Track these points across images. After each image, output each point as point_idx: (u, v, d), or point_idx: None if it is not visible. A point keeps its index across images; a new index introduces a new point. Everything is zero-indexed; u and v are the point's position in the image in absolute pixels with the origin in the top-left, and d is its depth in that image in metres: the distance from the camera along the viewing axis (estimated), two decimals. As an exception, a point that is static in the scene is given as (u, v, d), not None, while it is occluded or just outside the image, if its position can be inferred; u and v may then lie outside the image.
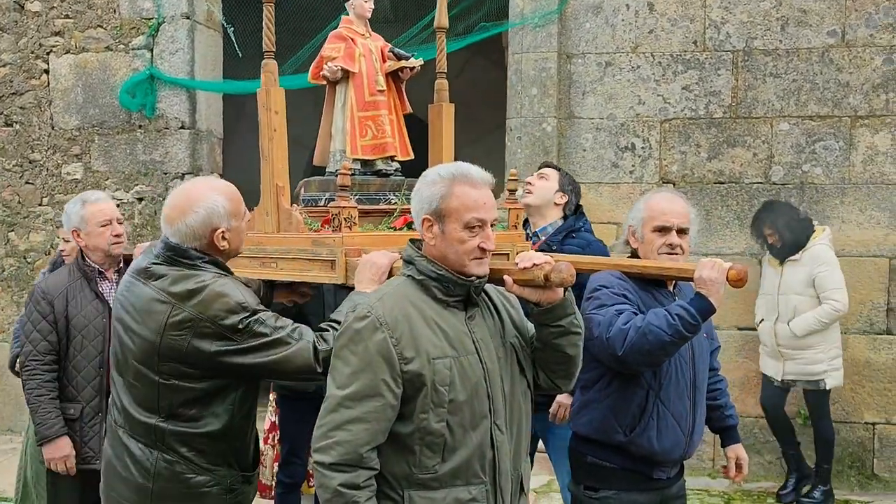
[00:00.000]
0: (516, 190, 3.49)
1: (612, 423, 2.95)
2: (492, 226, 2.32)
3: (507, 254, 3.19)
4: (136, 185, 6.48)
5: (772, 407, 5.41)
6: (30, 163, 6.65)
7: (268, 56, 3.12)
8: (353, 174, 3.11)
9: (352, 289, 4.01)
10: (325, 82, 3.31)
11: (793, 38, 5.68)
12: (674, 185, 5.83)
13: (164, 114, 6.39)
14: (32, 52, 6.59)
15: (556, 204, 4.03)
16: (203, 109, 6.53)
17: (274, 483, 4.59)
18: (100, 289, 3.74)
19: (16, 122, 6.65)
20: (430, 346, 2.24)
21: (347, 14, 3.43)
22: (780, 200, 5.54)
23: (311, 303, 3.82)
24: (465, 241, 2.27)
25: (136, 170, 6.47)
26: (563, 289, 2.31)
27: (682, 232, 2.96)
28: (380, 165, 3.33)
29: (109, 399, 2.81)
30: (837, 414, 5.67)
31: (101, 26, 6.48)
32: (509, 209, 3.39)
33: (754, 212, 5.53)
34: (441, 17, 3.48)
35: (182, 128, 6.39)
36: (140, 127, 6.44)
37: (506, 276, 2.34)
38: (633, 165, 5.91)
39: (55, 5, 6.52)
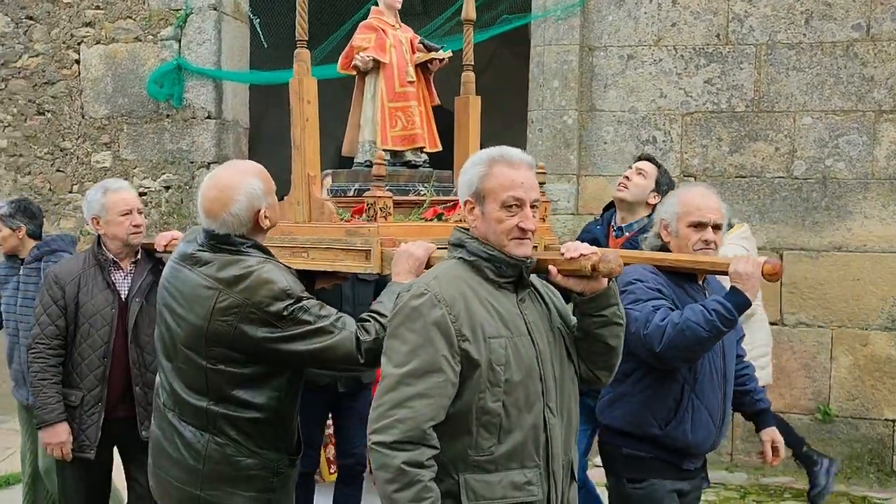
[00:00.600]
0: (544, 182, 3.47)
1: (648, 416, 2.96)
2: (533, 207, 2.32)
3: (535, 246, 3.21)
4: (164, 173, 6.60)
5: None
6: (61, 151, 6.80)
7: (301, 45, 3.09)
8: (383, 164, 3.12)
9: (371, 282, 4.10)
10: (354, 72, 3.32)
11: (817, 31, 5.65)
12: (695, 178, 5.83)
13: (191, 103, 6.50)
14: (64, 43, 6.73)
15: (648, 203, 4.02)
16: (229, 99, 6.63)
17: None
18: (112, 278, 3.69)
19: (48, 111, 6.80)
20: (485, 324, 2.23)
21: (377, 5, 3.42)
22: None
23: (328, 294, 3.92)
24: (503, 220, 2.28)
25: (164, 158, 6.59)
26: (607, 279, 2.32)
27: (716, 227, 2.97)
28: (409, 156, 3.34)
29: (156, 383, 2.84)
30: (857, 410, 5.66)
31: (131, 17, 6.60)
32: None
33: (775, 206, 5.51)
34: (468, 9, 3.49)
35: (208, 117, 6.50)
36: (167, 116, 6.55)
37: (551, 266, 2.34)
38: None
39: (87, -4, 6.66)
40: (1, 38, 6.84)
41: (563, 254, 2.33)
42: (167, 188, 6.59)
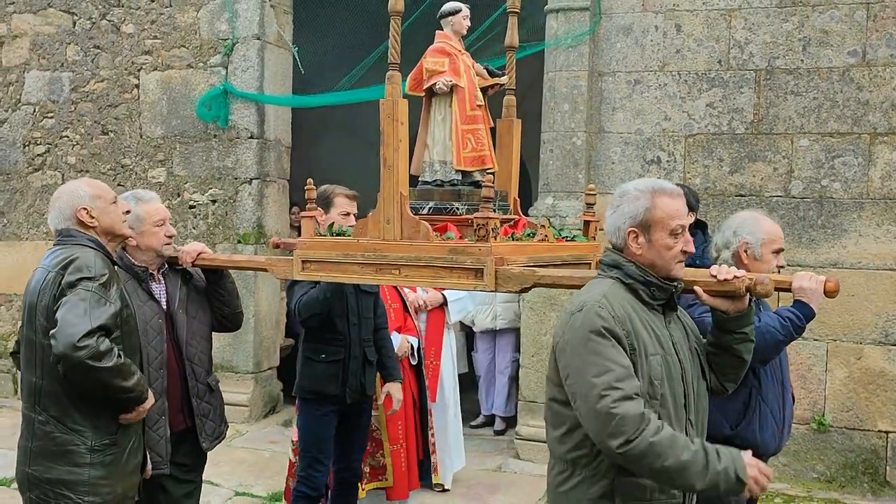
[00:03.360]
0: (594, 203, 3.72)
1: (719, 418, 3.26)
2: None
3: (590, 263, 3.44)
4: (211, 188, 7.22)
5: None
6: (122, 167, 7.50)
7: (392, 68, 3.20)
8: (455, 184, 3.39)
9: (371, 294, 4.48)
10: (422, 94, 3.43)
11: (814, 57, 5.91)
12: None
13: (236, 125, 7.11)
14: (126, 69, 7.43)
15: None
16: (271, 121, 7.22)
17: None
18: (152, 289, 3.65)
19: (111, 131, 7.51)
20: (646, 341, 2.45)
21: (443, 30, 3.54)
22: None
23: (337, 306, 4.23)
24: (672, 246, 2.51)
25: (211, 174, 7.21)
26: (748, 299, 2.59)
27: None
28: (477, 177, 3.44)
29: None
30: (851, 421, 5.87)
31: (184, 46, 7.26)
32: (588, 222, 3.66)
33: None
34: (512, 36, 3.69)
35: (251, 137, 7.10)
36: (215, 136, 7.18)
37: (696, 287, 2.58)
38: (658, 178, 6.24)
39: (146, 27, 7.35)
40: (72, 66, 7.59)
41: (714, 276, 2.58)
42: (213, 202, 7.21)
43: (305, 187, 3.54)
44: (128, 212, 3.44)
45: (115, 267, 3.37)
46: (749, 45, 6.03)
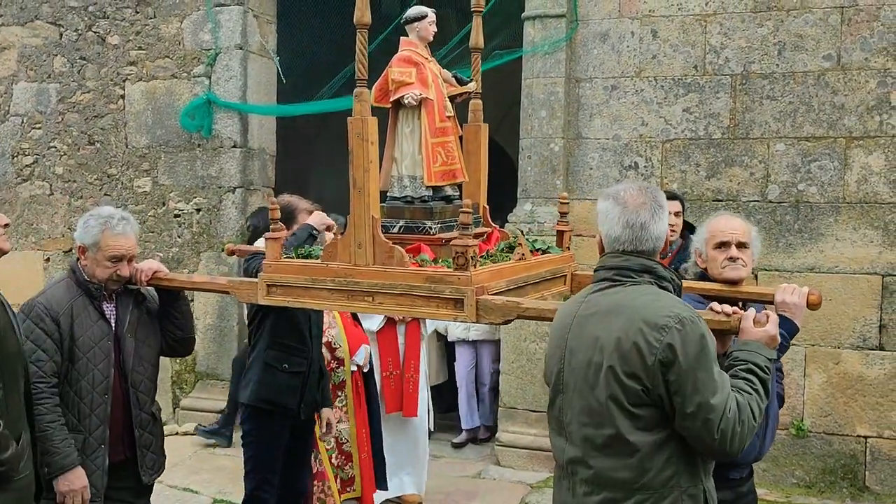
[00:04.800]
0: (567, 212, 3.62)
1: None
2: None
3: (565, 276, 3.37)
4: (195, 197, 7.27)
5: None
6: (108, 177, 7.56)
7: (360, 84, 3.05)
8: (426, 201, 3.25)
9: None
10: (388, 105, 3.29)
11: (789, 62, 5.90)
12: (674, 202, 6.15)
13: (219, 134, 7.17)
14: (111, 80, 7.50)
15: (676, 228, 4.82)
16: (255, 130, 7.26)
17: None
18: (103, 308, 3.44)
19: (97, 142, 7.58)
20: None
21: (408, 36, 3.40)
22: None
23: (301, 313, 4.06)
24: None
25: (195, 184, 7.27)
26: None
27: (741, 245, 3.16)
28: (448, 191, 3.35)
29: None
30: (830, 427, 5.85)
31: (168, 57, 7.32)
32: (562, 231, 3.56)
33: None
34: (477, 37, 3.56)
35: (234, 146, 7.15)
36: (199, 146, 7.23)
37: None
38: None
39: (131, 38, 7.41)
40: (59, 77, 7.66)
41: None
42: (198, 210, 7.26)
43: (269, 206, 3.38)
44: (6, 225, 3.20)
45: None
46: (725, 49, 6.04)
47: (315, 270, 3.14)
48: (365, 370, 4.98)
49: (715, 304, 2.63)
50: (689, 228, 4.82)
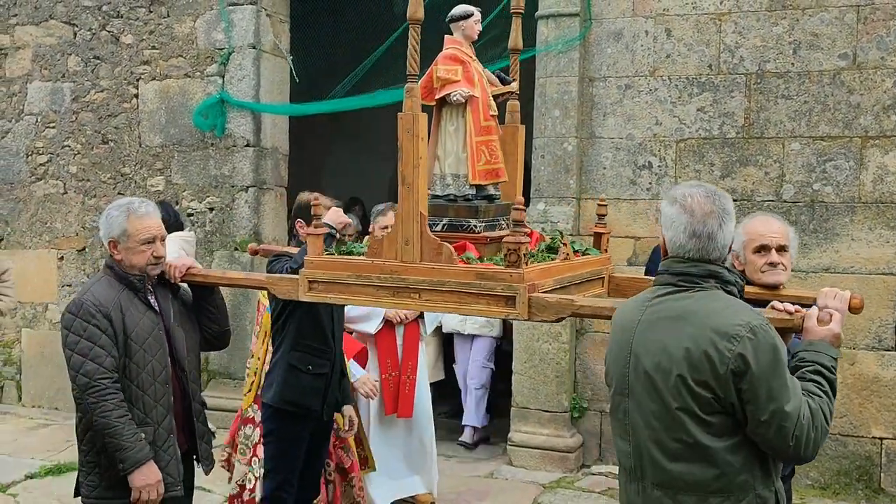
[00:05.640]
0: (605, 214, 3.61)
1: None
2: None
3: (603, 278, 3.33)
4: (208, 196, 7.29)
5: None
6: (121, 176, 7.58)
7: (411, 80, 3.03)
8: (469, 199, 3.22)
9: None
10: (432, 103, 3.26)
11: (804, 61, 5.86)
12: (688, 201, 6.12)
13: (232, 133, 7.17)
14: (125, 79, 7.52)
15: None
16: (268, 129, 7.27)
17: None
18: (149, 299, 3.43)
19: (111, 141, 7.60)
20: None
21: (452, 34, 3.36)
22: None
23: (324, 314, 4.09)
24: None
25: (208, 183, 7.28)
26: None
27: (781, 249, 3.15)
28: (490, 190, 3.33)
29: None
30: (845, 428, 5.81)
31: (182, 56, 7.34)
32: (600, 234, 3.54)
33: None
34: (516, 38, 3.55)
35: (247, 146, 7.15)
36: (212, 145, 7.25)
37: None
38: (649, 183, 6.23)
39: (144, 38, 7.43)
40: (73, 76, 7.69)
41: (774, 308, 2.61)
42: (211, 209, 7.27)
43: (312, 203, 3.34)
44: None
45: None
46: (739, 48, 6.00)
47: (360, 267, 3.11)
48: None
49: (776, 303, 2.60)
50: None
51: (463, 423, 6.95)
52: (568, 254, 3.20)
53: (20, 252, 7.86)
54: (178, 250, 5.38)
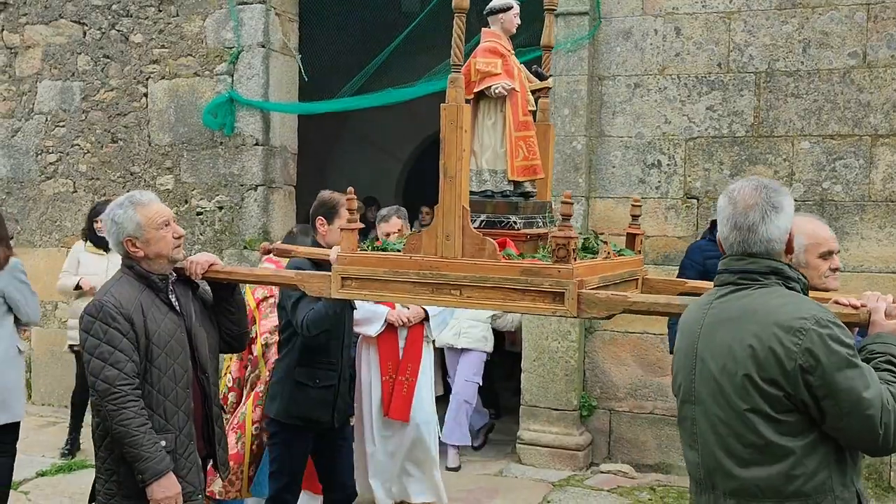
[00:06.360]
0: (640, 215, 3.52)
1: None
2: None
3: (638, 279, 3.25)
4: (218, 194, 7.31)
5: None
6: (131, 174, 7.61)
7: (455, 69, 2.95)
8: (507, 196, 3.16)
9: (353, 307, 4.27)
10: (469, 96, 3.17)
11: (814, 59, 5.86)
12: (697, 200, 6.13)
13: (241, 132, 7.19)
14: (134, 78, 7.54)
15: None
16: (277, 128, 7.28)
17: None
18: (171, 299, 3.28)
19: (120, 139, 7.63)
20: None
21: (489, 27, 3.28)
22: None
23: (335, 327, 4.05)
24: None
25: (218, 181, 7.30)
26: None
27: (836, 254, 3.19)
28: (528, 187, 3.25)
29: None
30: (855, 426, 5.81)
31: (191, 55, 7.35)
32: (634, 234, 3.47)
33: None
34: (549, 36, 3.48)
35: (256, 144, 7.17)
36: (221, 143, 7.26)
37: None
38: (658, 181, 6.24)
39: (154, 37, 7.45)
40: (83, 75, 7.71)
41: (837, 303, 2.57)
42: (220, 208, 7.29)
43: (346, 197, 3.23)
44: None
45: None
46: (749, 47, 6.00)
47: (397, 262, 3.01)
48: None
49: (840, 298, 2.57)
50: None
51: (445, 442, 6.43)
52: (609, 252, 3.16)
53: (30, 250, 7.89)
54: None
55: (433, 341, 5.48)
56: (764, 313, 2.34)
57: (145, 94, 7.52)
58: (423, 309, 5.20)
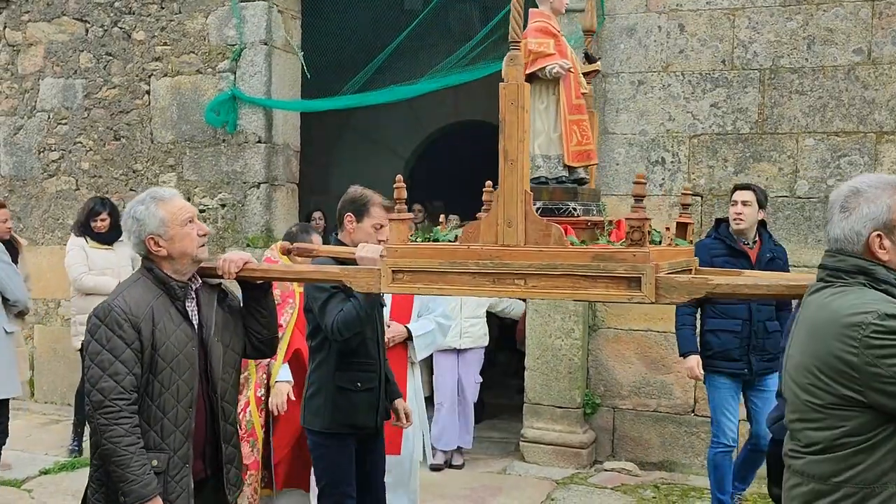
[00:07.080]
0: (690, 204, 3.40)
1: None
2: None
3: (691, 269, 3.11)
4: (220, 192, 7.30)
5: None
6: (133, 172, 7.60)
7: (514, 48, 2.76)
8: (562, 182, 3.00)
9: (383, 305, 4.05)
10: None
11: (819, 56, 5.84)
12: (702, 197, 6.11)
13: (244, 129, 7.18)
14: (137, 76, 7.53)
15: (759, 220, 5.14)
16: (279, 125, 7.27)
17: None
18: (187, 308, 3.04)
19: (122, 137, 7.62)
20: None
21: (538, 7, 3.10)
22: None
23: (369, 326, 3.83)
24: None
25: (220, 179, 7.29)
26: None
27: None
28: (581, 173, 3.08)
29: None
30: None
31: (194, 52, 7.34)
32: (685, 224, 3.32)
33: (779, 225, 5.75)
34: (592, 19, 3.38)
35: (259, 142, 7.16)
36: (224, 141, 7.25)
37: None
38: (662, 179, 6.22)
39: (156, 34, 7.44)
40: (85, 73, 7.71)
41: None
42: (223, 206, 7.28)
43: (395, 186, 3.03)
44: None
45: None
46: (753, 44, 5.98)
47: (454, 253, 2.83)
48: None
49: None
50: (763, 226, 5.20)
51: (439, 447, 6.34)
52: (672, 239, 3.07)
53: (32, 248, 7.87)
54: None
55: (416, 364, 5.01)
56: (832, 311, 2.26)
57: (148, 92, 7.52)
58: (406, 328, 4.88)
